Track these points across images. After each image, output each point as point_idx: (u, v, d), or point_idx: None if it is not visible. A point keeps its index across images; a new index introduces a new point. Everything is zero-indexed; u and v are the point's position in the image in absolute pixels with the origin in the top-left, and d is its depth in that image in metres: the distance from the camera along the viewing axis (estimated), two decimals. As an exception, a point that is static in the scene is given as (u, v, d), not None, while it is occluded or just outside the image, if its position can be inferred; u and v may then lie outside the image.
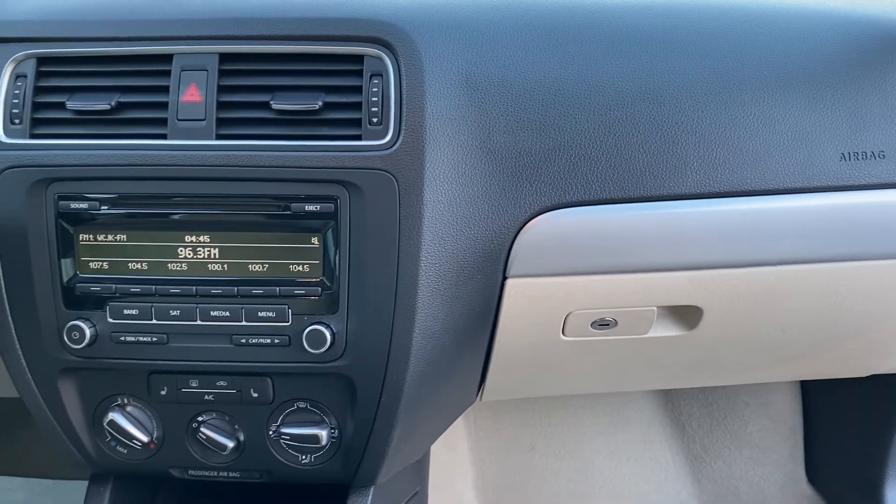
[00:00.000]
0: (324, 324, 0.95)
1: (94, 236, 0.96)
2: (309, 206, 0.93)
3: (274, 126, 0.95)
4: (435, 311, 0.96)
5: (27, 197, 0.95)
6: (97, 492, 1.11)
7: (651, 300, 1.02)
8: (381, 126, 0.93)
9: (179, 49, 0.96)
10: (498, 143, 0.94)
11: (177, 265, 0.96)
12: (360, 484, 1.08)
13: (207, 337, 0.97)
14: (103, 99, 0.95)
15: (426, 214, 0.92)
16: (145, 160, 0.94)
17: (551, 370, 1.22)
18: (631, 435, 1.95)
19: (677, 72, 0.96)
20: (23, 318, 0.98)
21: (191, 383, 1.00)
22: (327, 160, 0.92)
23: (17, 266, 0.97)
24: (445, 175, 0.93)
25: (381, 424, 1.00)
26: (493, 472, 1.93)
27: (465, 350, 1.06)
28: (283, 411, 1.02)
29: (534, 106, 0.94)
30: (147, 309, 0.96)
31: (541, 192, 0.94)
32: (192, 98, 0.95)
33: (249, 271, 0.95)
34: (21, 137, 0.96)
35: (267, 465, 1.05)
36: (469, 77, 0.95)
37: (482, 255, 0.96)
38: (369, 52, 0.94)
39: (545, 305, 1.01)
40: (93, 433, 1.05)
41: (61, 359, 0.99)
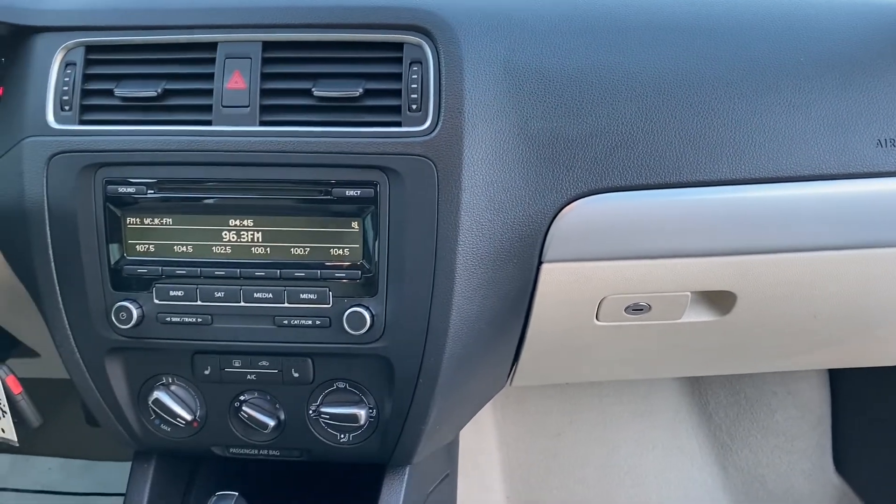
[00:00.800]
0: (363, 306, 0.97)
1: (141, 220, 0.99)
2: (349, 191, 0.95)
3: (315, 113, 0.97)
4: (471, 295, 0.97)
5: (76, 181, 0.98)
6: (141, 469, 1.15)
7: (685, 285, 1.03)
8: (420, 113, 0.95)
9: (224, 37, 0.98)
10: (535, 128, 0.96)
11: (221, 248, 0.99)
12: (395, 463, 1.11)
13: (250, 318, 1.00)
14: (150, 86, 0.98)
15: (464, 199, 0.94)
16: (191, 146, 0.97)
17: (583, 356, 1.23)
18: (657, 423, 1.96)
19: (713, 58, 0.97)
20: (72, 299, 1.01)
21: (234, 363, 1.03)
22: (367, 146, 0.94)
23: (67, 249, 1.00)
24: (483, 161, 0.95)
25: (418, 405, 1.02)
26: (519, 457, 1.95)
27: (500, 334, 1.08)
28: (323, 391, 1.04)
29: (571, 92, 0.96)
30: (192, 290, 0.99)
31: (577, 177, 0.96)
32: (236, 85, 0.97)
33: (291, 254, 0.98)
34: (70, 123, 0.99)
35: (306, 443, 1.08)
36: (507, 64, 0.96)
37: (519, 240, 0.98)
38: (409, 39, 0.96)
39: (580, 290, 1.02)
40: (138, 411, 1.08)
41: (109, 339, 1.02)
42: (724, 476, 1.91)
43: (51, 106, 1.00)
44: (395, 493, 1.10)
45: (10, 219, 1.01)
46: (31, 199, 0.99)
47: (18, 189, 1.00)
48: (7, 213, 1.01)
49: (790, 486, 1.87)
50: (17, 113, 1.02)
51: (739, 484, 1.90)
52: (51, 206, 0.99)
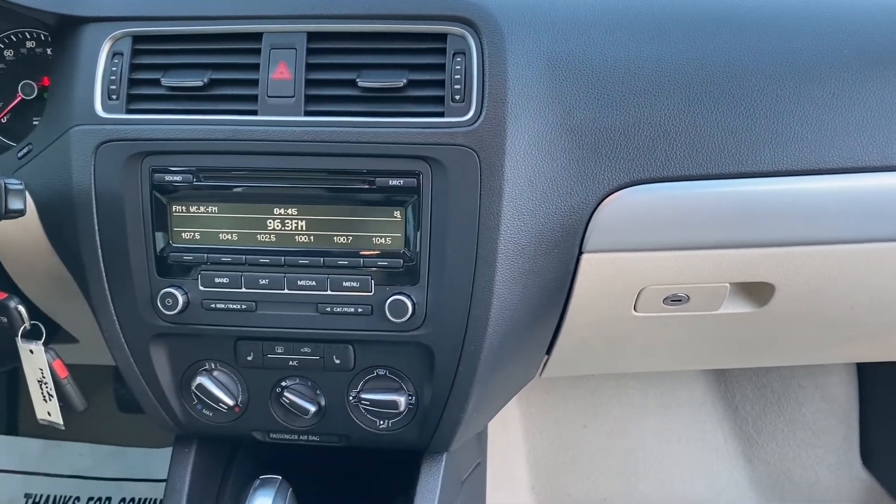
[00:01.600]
0: (405, 294, 0.98)
1: (187, 208, 1.00)
2: (392, 180, 0.96)
3: (359, 103, 0.98)
4: (512, 285, 0.98)
5: (123, 170, 1.00)
6: (182, 453, 1.16)
7: (724, 276, 1.04)
8: (463, 103, 0.96)
9: (269, 28, 1.00)
10: (578, 119, 0.96)
11: (265, 236, 1.00)
12: (433, 450, 1.12)
13: (294, 305, 1.01)
14: (196, 76, 0.99)
15: (506, 190, 0.95)
16: (237, 135, 0.98)
17: (617, 347, 1.24)
18: (682, 416, 1.96)
19: (757, 50, 0.97)
20: (118, 285, 1.03)
21: (276, 349, 1.05)
22: (411, 136, 0.95)
23: (114, 236, 1.01)
24: (526, 151, 0.95)
25: (457, 392, 1.03)
26: (545, 448, 1.96)
27: (538, 324, 1.08)
28: (363, 378, 1.06)
29: (614, 83, 0.96)
30: (237, 278, 1.01)
31: (620, 168, 0.96)
32: (282, 75, 0.99)
33: (334, 243, 0.99)
34: (118, 112, 1.01)
35: (346, 429, 1.09)
36: (550, 55, 0.97)
37: (560, 230, 0.98)
38: (453, 30, 0.97)
39: (619, 281, 1.03)
40: (181, 397, 1.10)
41: (154, 325, 1.04)
42: (750, 469, 1.92)
43: (98, 95, 1.01)
44: (432, 479, 1.11)
45: (58, 207, 1.03)
46: (79, 187, 1.01)
47: (66, 177, 1.02)
48: (55, 201, 1.03)
49: (816, 479, 1.87)
50: (65, 102, 1.04)
51: (765, 477, 1.90)
52: (98, 194, 1.01)
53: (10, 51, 1.19)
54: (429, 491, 1.10)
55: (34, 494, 2.02)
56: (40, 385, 1.10)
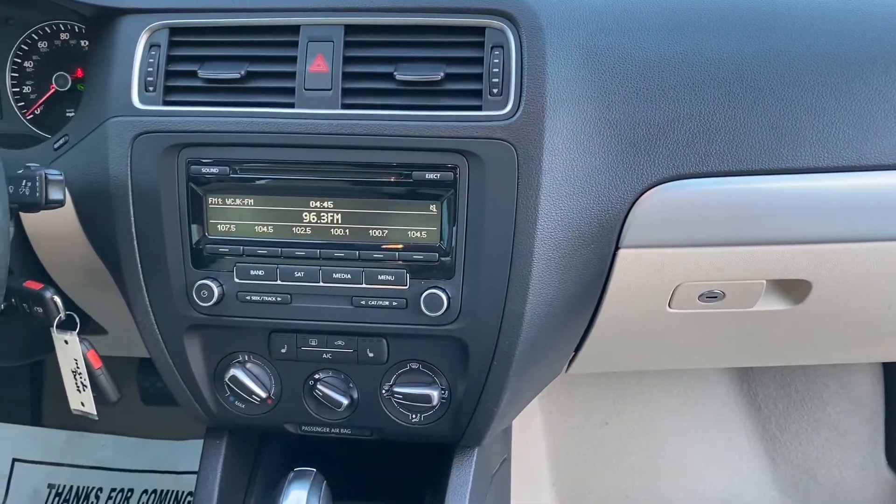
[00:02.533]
0: (440, 288, 0.98)
1: (223, 200, 1.01)
2: (429, 174, 0.96)
3: (397, 96, 0.98)
4: (548, 280, 0.98)
5: (160, 161, 1.00)
6: (213, 445, 1.17)
7: (761, 273, 1.03)
8: (501, 97, 0.95)
9: (306, 20, 0.99)
10: (617, 113, 0.96)
11: (301, 229, 1.00)
12: (466, 444, 1.12)
13: (328, 298, 1.01)
14: (233, 68, 0.99)
15: (544, 184, 0.94)
16: (274, 128, 0.98)
17: (648, 344, 1.24)
18: (705, 414, 1.95)
19: (799, 46, 0.96)
20: (154, 277, 1.03)
21: (310, 342, 1.05)
22: (448, 130, 0.95)
23: (150, 228, 1.02)
24: (564, 145, 0.95)
25: (491, 387, 1.03)
26: (566, 446, 1.95)
27: (572, 319, 1.08)
28: (396, 371, 1.06)
29: (654, 77, 0.96)
30: (273, 270, 1.01)
31: (658, 163, 0.96)
32: (319, 68, 0.99)
33: (370, 236, 0.99)
34: (155, 104, 1.01)
35: (378, 422, 1.09)
36: (589, 49, 0.96)
37: (597, 225, 0.98)
38: (491, 24, 0.96)
39: (655, 276, 1.03)
40: (214, 388, 1.10)
41: (189, 316, 1.04)
42: (773, 468, 1.90)
43: (135, 87, 1.01)
44: (464, 473, 1.11)
45: (95, 198, 1.04)
46: (116, 178, 1.01)
47: (103, 168, 1.02)
48: (91, 191, 1.04)
49: (841, 479, 1.86)
50: (102, 93, 1.04)
51: (788, 476, 1.89)
52: (134, 186, 1.01)
53: (43, 42, 1.20)
54: (461, 485, 1.10)
55: (57, 485, 2.03)
56: (74, 375, 1.10)
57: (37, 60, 1.20)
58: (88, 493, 2.02)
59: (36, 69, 1.20)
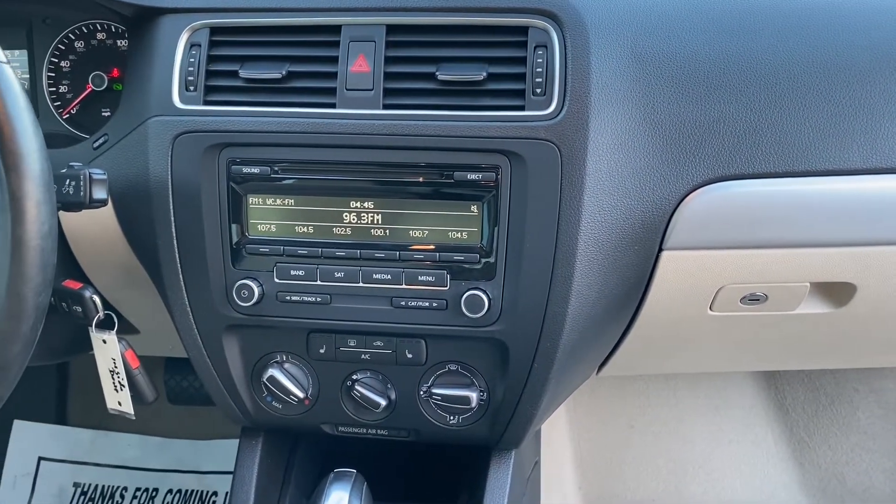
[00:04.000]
0: (481, 289, 0.98)
1: (263, 200, 1.00)
2: (471, 174, 0.96)
3: (438, 96, 0.97)
4: (591, 281, 0.97)
5: (201, 161, 1.00)
6: (249, 445, 1.17)
7: (805, 276, 1.02)
8: (544, 97, 0.95)
9: (348, 20, 0.99)
10: (662, 114, 0.95)
11: (341, 229, 1.00)
12: (503, 447, 1.12)
13: (368, 298, 1.01)
14: (274, 68, 0.99)
15: (588, 185, 0.94)
16: (315, 128, 0.98)
17: (685, 347, 1.23)
18: (732, 417, 1.94)
19: (847, 45, 0.95)
20: (193, 276, 1.03)
21: (349, 342, 1.05)
22: (491, 130, 0.94)
23: (190, 227, 1.02)
24: (609, 146, 0.94)
25: (531, 389, 1.02)
26: (592, 448, 1.94)
27: (612, 322, 1.07)
28: (435, 372, 1.05)
29: (699, 78, 0.95)
30: (313, 270, 1.01)
31: (704, 164, 0.95)
32: (361, 68, 0.98)
33: (410, 237, 0.99)
34: (195, 104, 1.01)
35: (415, 424, 1.08)
36: (634, 48, 0.96)
37: (641, 227, 0.97)
38: (535, 23, 0.96)
39: (698, 279, 1.02)
40: (251, 388, 1.10)
41: (228, 316, 1.04)
42: (801, 472, 1.89)
43: (176, 86, 1.01)
44: (502, 476, 1.10)
45: (134, 197, 1.04)
46: (156, 177, 1.01)
47: (143, 167, 1.02)
48: (131, 191, 1.04)
49: (870, 484, 1.84)
50: (142, 93, 1.04)
51: (816, 481, 1.88)
52: (175, 185, 1.01)
53: (80, 42, 1.20)
54: (499, 488, 1.09)
55: (83, 484, 2.04)
56: (112, 375, 1.10)
57: (73, 60, 1.20)
58: (113, 493, 2.03)
59: (72, 69, 1.20)
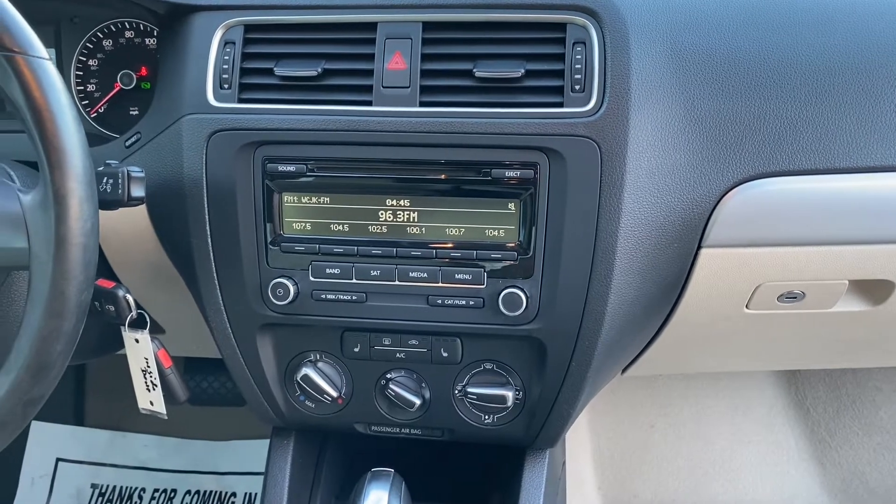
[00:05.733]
0: (518, 287, 0.97)
1: (298, 198, 1.00)
2: (509, 172, 0.95)
3: (475, 93, 0.96)
4: (630, 279, 0.97)
5: (235, 159, 0.99)
6: (281, 445, 1.16)
7: (844, 273, 1.01)
8: (583, 93, 0.94)
9: (384, 17, 0.99)
10: (703, 110, 0.94)
11: (377, 227, 0.99)
12: (539, 446, 1.11)
13: (404, 297, 1.00)
14: (309, 66, 0.99)
15: (628, 182, 0.93)
16: (351, 125, 0.97)
17: (717, 345, 1.22)
18: (752, 417, 1.93)
19: (887, 42, 0.95)
20: (228, 275, 1.03)
21: (383, 341, 1.04)
22: (529, 127, 0.94)
23: (225, 225, 1.01)
24: (649, 142, 0.94)
25: (568, 388, 1.02)
26: (611, 448, 1.94)
27: (649, 320, 1.07)
28: (470, 371, 1.05)
29: (740, 73, 0.94)
30: (348, 268, 1.00)
31: (745, 160, 0.94)
32: (397, 66, 0.98)
33: (447, 235, 0.98)
34: (230, 102, 1.00)
35: (450, 423, 1.08)
36: (673, 44, 0.95)
37: (680, 224, 0.96)
38: (573, 20, 0.95)
39: (737, 276, 1.01)
40: (284, 388, 1.09)
41: (262, 315, 1.03)
42: (822, 473, 1.88)
43: (210, 84, 1.01)
44: (536, 476, 1.09)
45: (168, 195, 1.03)
46: (190, 175, 1.01)
47: (177, 165, 1.02)
48: (165, 189, 1.03)
49: (893, 484, 1.83)
50: (176, 91, 1.04)
51: (838, 481, 1.87)
52: (209, 184, 1.00)
53: (108, 41, 1.19)
54: (534, 488, 1.08)
55: (101, 485, 2.03)
56: (144, 374, 1.10)
57: (101, 59, 1.20)
58: (131, 494, 2.02)
59: (100, 67, 1.20)
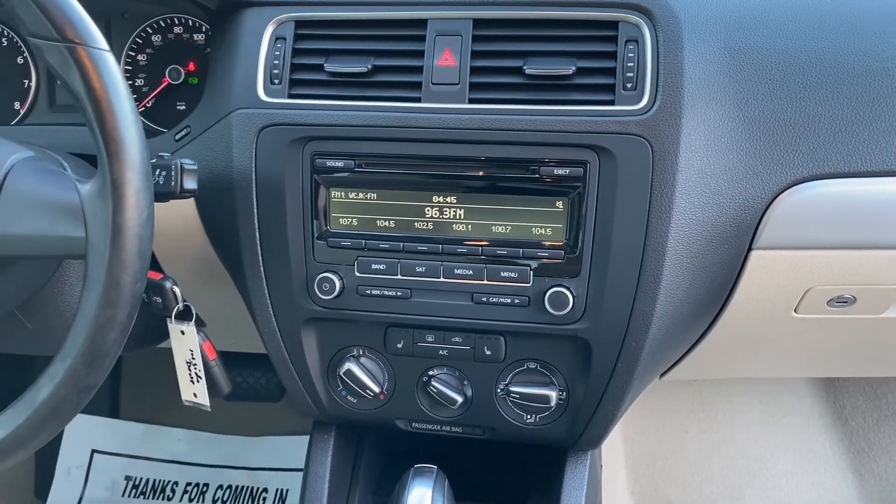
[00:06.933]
0: (565, 286, 0.96)
1: (346, 194, 1.00)
2: (558, 170, 0.95)
3: (525, 91, 0.96)
4: (679, 280, 0.96)
5: (285, 154, 1.00)
6: (321, 439, 1.17)
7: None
8: (635, 91, 0.93)
9: (434, 14, 0.99)
10: (757, 110, 0.93)
11: (423, 224, 0.99)
12: (581, 448, 1.10)
13: (448, 294, 1.00)
14: (359, 62, 0.99)
15: (679, 182, 0.92)
16: (399, 122, 0.97)
17: (762, 349, 1.20)
18: (788, 425, 1.91)
19: (947, 42, 0.93)
20: (274, 269, 1.03)
21: (427, 338, 1.04)
22: (579, 124, 0.93)
23: (273, 220, 1.02)
24: (701, 142, 0.93)
25: (613, 390, 1.01)
26: (644, 452, 1.92)
27: (696, 322, 1.06)
28: (513, 370, 1.04)
29: (795, 73, 0.93)
30: (394, 264, 1.00)
31: (798, 162, 0.93)
32: (447, 62, 0.98)
33: (493, 232, 0.98)
34: (280, 97, 1.01)
35: (491, 422, 1.08)
36: (728, 43, 0.94)
37: (732, 226, 0.95)
38: (626, 18, 0.95)
39: (787, 279, 1.00)
40: (327, 382, 1.10)
41: (307, 309, 1.04)
42: (860, 482, 1.85)
43: (261, 79, 1.02)
44: (578, 478, 1.09)
45: (217, 189, 1.04)
46: (240, 169, 1.02)
47: (226, 160, 1.03)
48: (214, 183, 1.04)
49: (934, 497, 1.80)
50: (226, 86, 1.05)
51: (876, 491, 1.84)
52: (259, 178, 1.01)
53: (157, 36, 1.21)
54: (576, 489, 1.08)
55: (134, 477, 2.06)
56: (188, 366, 1.11)
57: (150, 54, 1.21)
58: (164, 487, 2.04)
59: (149, 62, 1.21)
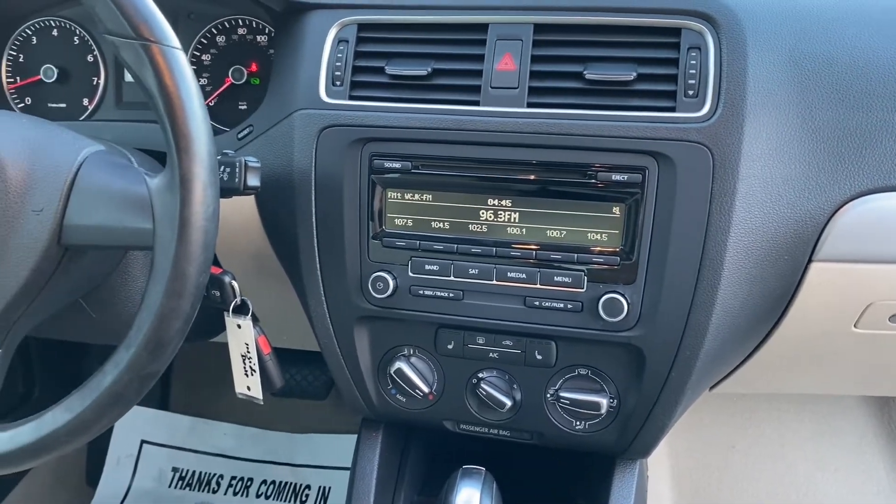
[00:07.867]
0: (619, 293, 0.96)
1: (402, 195, 1.01)
2: (616, 175, 0.94)
3: (584, 96, 0.96)
4: (737, 290, 0.94)
5: (344, 154, 1.01)
6: (370, 437, 1.18)
7: (965, 295, 0.97)
8: (696, 99, 0.93)
9: (495, 19, 1.00)
10: (821, 120, 0.92)
11: (477, 226, 1.00)
12: (631, 457, 1.09)
13: (501, 297, 1.01)
14: (420, 65, 1.00)
15: (740, 191, 0.91)
16: (458, 125, 0.98)
17: (816, 366, 1.18)
18: (839, 444, 1.86)
19: None
20: (330, 267, 1.05)
21: (477, 340, 1.04)
22: (639, 130, 0.93)
23: (330, 219, 1.03)
24: (763, 151, 0.92)
25: (666, 399, 1.00)
26: (690, 467, 1.89)
27: (752, 334, 1.04)
28: (563, 376, 1.04)
29: (861, 83, 0.92)
30: (447, 266, 1.01)
31: (863, 173, 0.91)
32: (507, 67, 0.98)
33: (547, 237, 0.98)
34: (341, 98, 1.03)
35: (540, 427, 1.07)
36: (792, 52, 0.93)
37: (792, 237, 0.94)
38: (689, 25, 0.94)
39: (847, 293, 0.98)
40: (377, 380, 1.11)
41: (361, 307, 1.05)
42: (915, 507, 1.80)
43: (323, 80, 1.04)
44: (626, 487, 1.08)
45: (278, 187, 1.06)
46: (300, 168, 1.04)
47: (288, 158, 1.05)
48: (274, 181, 1.06)
49: None
50: (289, 86, 1.07)
51: (931, 517, 1.78)
52: (318, 177, 1.03)
53: (221, 37, 1.24)
54: (623, 498, 1.07)
55: (181, 469, 2.10)
56: (244, 360, 1.13)
57: (214, 54, 1.24)
58: (210, 480, 2.08)
59: (212, 62, 1.24)
